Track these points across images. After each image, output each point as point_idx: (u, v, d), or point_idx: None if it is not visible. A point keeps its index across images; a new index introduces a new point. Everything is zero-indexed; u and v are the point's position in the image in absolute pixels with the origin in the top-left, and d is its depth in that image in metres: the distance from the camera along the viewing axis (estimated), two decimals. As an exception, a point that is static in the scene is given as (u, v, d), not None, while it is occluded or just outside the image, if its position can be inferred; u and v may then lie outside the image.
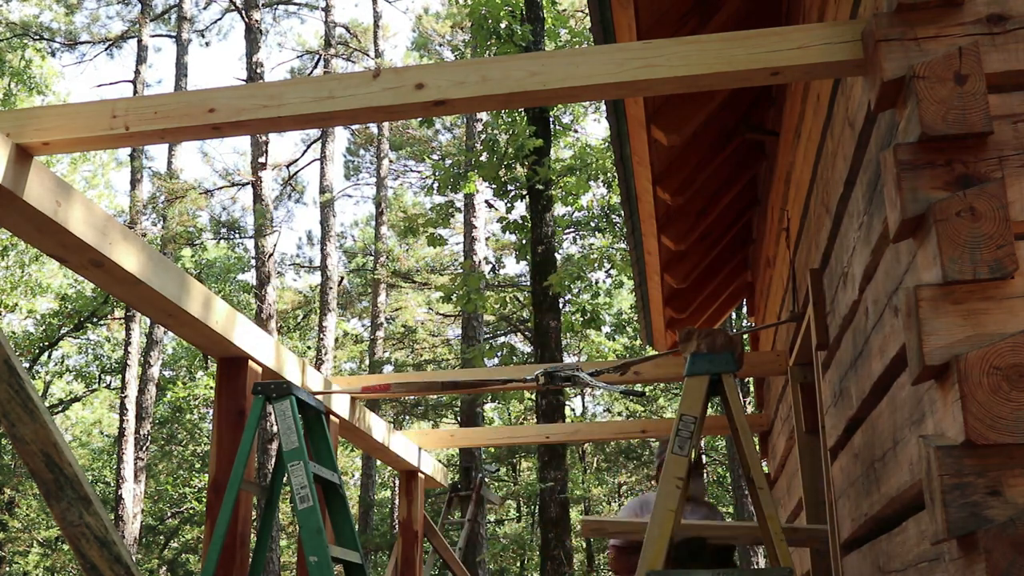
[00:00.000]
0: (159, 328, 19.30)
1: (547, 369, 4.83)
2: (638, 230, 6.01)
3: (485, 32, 11.03)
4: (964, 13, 2.25)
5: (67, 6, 23.06)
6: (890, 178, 2.18)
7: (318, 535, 3.64)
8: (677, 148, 4.97)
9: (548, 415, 10.22)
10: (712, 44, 2.55)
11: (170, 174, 20.68)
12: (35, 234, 2.97)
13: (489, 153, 11.24)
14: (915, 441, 2.33)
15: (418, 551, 6.94)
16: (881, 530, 2.86)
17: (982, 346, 1.96)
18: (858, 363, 3.05)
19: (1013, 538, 1.84)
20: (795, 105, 4.37)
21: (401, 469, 7.05)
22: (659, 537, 3.08)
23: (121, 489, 17.71)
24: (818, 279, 3.78)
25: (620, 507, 24.31)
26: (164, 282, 3.51)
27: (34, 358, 20.13)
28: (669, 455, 3.21)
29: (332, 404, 5.28)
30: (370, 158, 25.37)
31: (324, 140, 21.16)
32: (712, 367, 3.33)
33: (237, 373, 4.32)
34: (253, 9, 19.48)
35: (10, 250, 18.43)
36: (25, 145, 2.75)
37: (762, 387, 7.40)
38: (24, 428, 2.84)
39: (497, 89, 2.62)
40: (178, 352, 24.14)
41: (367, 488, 20.51)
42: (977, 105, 2.13)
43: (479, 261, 17.58)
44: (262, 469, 15.64)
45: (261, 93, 2.74)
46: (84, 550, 2.87)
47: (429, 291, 22.83)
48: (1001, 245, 2.02)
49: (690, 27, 4.34)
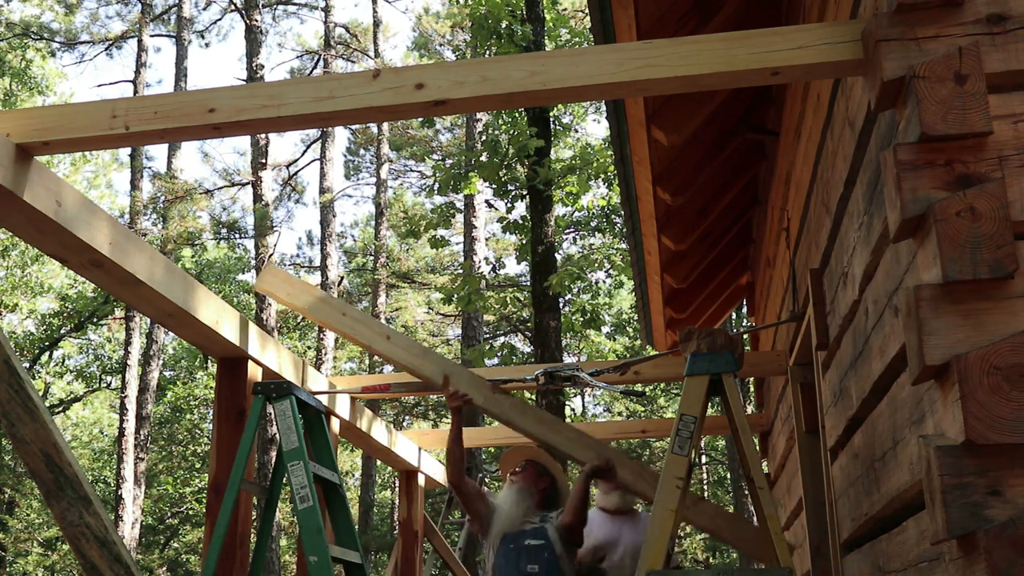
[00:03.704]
0: (159, 328, 19.30)
1: (547, 369, 4.84)
2: (638, 230, 6.01)
3: (485, 32, 11.02)
4: (964, 13, 2.25)
5: (67, 6, 23.05)
6: (890, 178, 2.18)
7: (318, 535, 3.64)
8: (677, 148, 4.97)
9: (548, 415, 10.21)
10: (712, 44, 2.55)
11: (170, 174, 20.68)
12: (35, 234, 2.97)
13: (489, 153, 11.23)
14: (915, 441, 2.33)
15: (418, 551, 6.93)
16: (881, 530, 2.86)
17: (982, 346, 1.96)
18: (858, 363, 3.05)
19: (1013, 538, 1.84)
20: (795, 105, 4.37)
21: (401, 469, 7.05)
22: (659, 537, 3.08)
23: (121, 489, 17.71)
24: (818, 279, 3.78)
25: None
26: (164, 282, 3.51)
27: (34, 358, 20.12)
28: (669, 455, 3.21)
29: (332, 404, 5.28)
30: (370, 158, 25.36)
31: (324, 140, 21.15)
32: (712, 367, 3.33)
33: (237, 373, 4.32)
34: (253, 9, 19.49)
35: (10, 250, 18.43)
36: (25, 145, 2.75)
37: (762, 387, 7.40)
38: (24, 428, 2.84)
39: (497, 89, 2.62)
40: (178, 352, 24.14)
41: (367, 488, 20.50)
42: (977, 105, 2.13)
43: (479, 261, 17.58)
44: (262, 469, 15.64)
45: (261, 93, 2.74)
46: (84, 550, 2.87)
47: (429, 291, 22.83)
48: (1001, 245, 2.01)
49: (690, 27, 4.34)
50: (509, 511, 4.33)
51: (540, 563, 4.14)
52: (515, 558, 4.17)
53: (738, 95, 5.02)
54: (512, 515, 4.31)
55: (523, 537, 4.23)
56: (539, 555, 4.16)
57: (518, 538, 4.23)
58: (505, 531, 4.28)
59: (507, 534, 4.27)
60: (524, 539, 4.22)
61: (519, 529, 4.26)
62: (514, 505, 4.34)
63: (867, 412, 2.98)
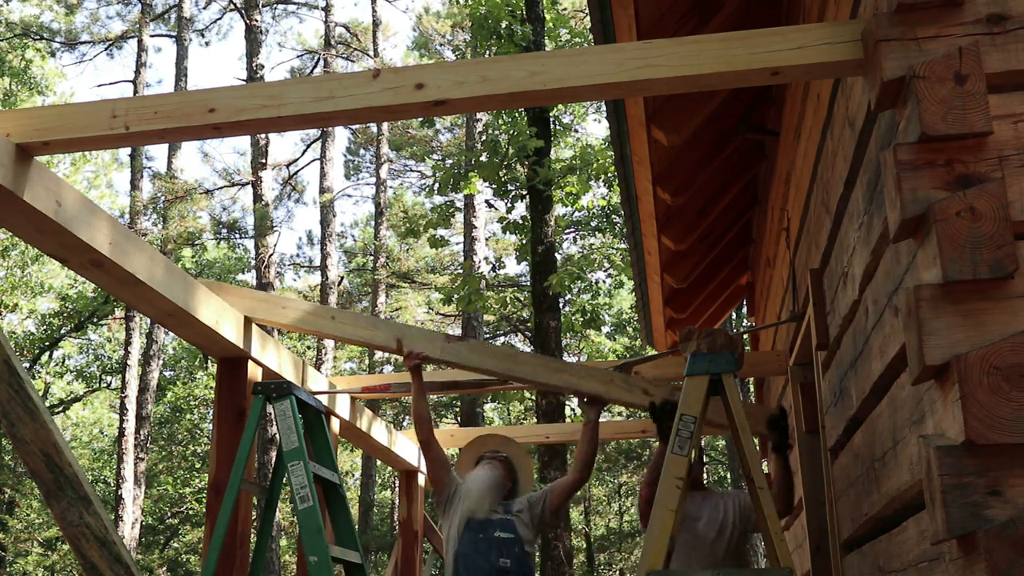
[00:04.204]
0: (159, 328, 19.30)
1: (547, 369, 4.83)
2: (638, 230, 6.01)
3: (485, 32, 11.02)
4: (964, 13, 2.25)
5: (67, 6, 23.05)
6: (890, 178, 2.18)
7: (318, 535, 3.64)
8: (677, 148, 4.97)
9: (548, 415, 10.22)
10: (712, 44, 2.55)
11: (170, 174, 20.68)
12: (35, 234, 2.97)
13: (489, 153, 11.23)
14: (915, 441, 2.33)
15: (418, 551, 6.94)
16: (881, 530, 2.86)
17: (982, 346, 1.96)
18: (858, 363, 3.05)
19: (1013, 538, 1.84)
20: (795, 105, 4.37)
21: (401, 469, 7.05)
22: (659, 537, 3.08)
23: (121, 489, 17.70)
24: (818, 279, 3.78)
25: (620, 508, 24.32)
26: (164, 282, 3.51)
27: (34, 358, 20.12)
28: (669, 455, 3.20)
29: (332, 404, 5.28)
30: (370, 158, 25.36)
31: (324, 140, 21.15)
32: (712, 367, 3.33)
33: (237, 373, 4.33)
34: (253, 9, 19.49)
35: (10, 250, 18.42)
36: (25, 145, 2.75)
37: (762, 387, 7.39)
38: (24, 428, 2.84)
39: (497, 89, 2.62)
40: (178, 352, 24.14)
41: (367, 488, 20.50)
42: (977, 105, 2.13)
43: (479, 261, 17.57)
44: (262, 469, 15.64)
45: (261, 93, 2.74)
46: (84, 550, 2.87)
47: (429, 291, 22.83)
48: (1001, 245, 2.01)
49: (690, 27, 4.34)
50: (482, 494, 4.22)
51: (512, 558, 4.08)
52: (485, 550, 4.09)
53: (738, 95, 5.02)
54: (484, 500, 4.20)
55: (491, 527, 4.14)
56: (510, 549, 4.10)
57: (486, 528, 4.13)
58: (471, 515, 4.17)
59: (472, 519, 4.16)
60: (493, 530, 4.13)
61: (486, 517, 4.16)
62: (489, 490, 4.24)
63: (867, 412, 2.98)
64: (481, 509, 4.17)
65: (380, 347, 4.64)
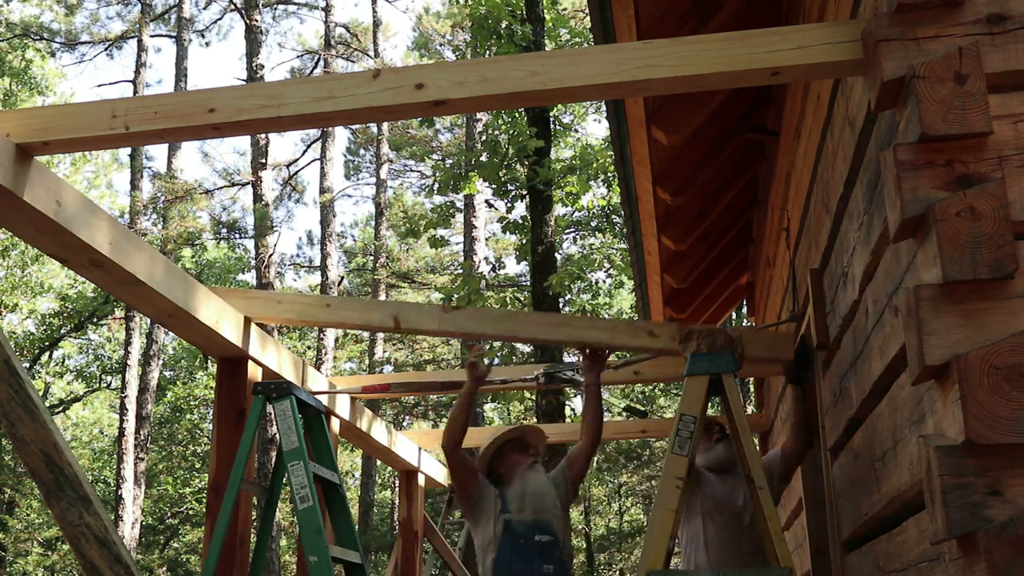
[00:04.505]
0: (159, 328, 19.30)
1: (547, 369, 4.84)
2: (638, 230, 6.01)
3: (485, 32, 11.03)
4: (964, 13, 2.25)
5: (67, 6, 23.06)
6: (890, 178, 2.18)
7: (318, 535, 3.64)
8: (677, 148, 4.97)
9: (548, 415, 10.22)
10: (712, 44, 2.55)
11: (170, 174, 20.68)
12: (35, 234, 2.97)
13: (489, 153, 11.24)
14: (915, 441, 2.33)
15: (418, 551, 6.94)
16: (881, 530, 2.86)
17: (982, 346, 1.96)
18: (858, 363, 3.05)
19: (1013, 538, 1.84)
20: (795, 105, 4.37)
21: (401, 469, 7.05)
22: (659, 537, 3.08)
23: (121, 489, 17.71)
24: (818, 279, 3.78)
25: (620, 508, 24.31)
26: (164, 282, 3.51)
27: (34, 358, 20.13)
28: (669, 455, 3.20)
29: (332, 404, 5.28)
30: (370, 158, 25.37)
31: (324, 140, 21.16)
32: (712, 367, 3.33)
33: (237, 373, 4.32)
34: (253, 9, 19.49)
35: (10, 250, 18.43)
36: (25, 145, 2.75)
37: (762, 387, 7.39)
38: (24, 428, 2.83)
39: (497, 89, 2.62)
40: (178, 352, 24.14)
41: (367, 488, 20.51)
42: (977, 105, 2.12)
43: (479, 261, 17.58)
44: (262, 469, 15.63)
45: (261, 93, 2.74)
46: (84, 550, 2.87)
47: (429, 291, 22.83)
48: (1001, 245, 2.01)
49: (690, 27, 4.34)
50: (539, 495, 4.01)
51: (553, 563, 3.91)
52: (528, 556, 3.88)
53: (738, 95, 5.02)
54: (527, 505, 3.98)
55: (532, 531, 3.94)
56: (551, 553, 3.92)
57: (528, 532, 3.94)
58: (518, 518, 3.96)
59: (512, 521, 3.95)
60: (533, 534, 3.94)
61: (531, 520, 3.97)
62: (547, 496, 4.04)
63: (867, 412, 2.98)
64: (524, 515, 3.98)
65: (379, 328, 4.58)
